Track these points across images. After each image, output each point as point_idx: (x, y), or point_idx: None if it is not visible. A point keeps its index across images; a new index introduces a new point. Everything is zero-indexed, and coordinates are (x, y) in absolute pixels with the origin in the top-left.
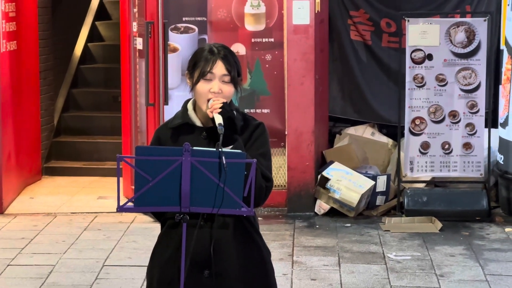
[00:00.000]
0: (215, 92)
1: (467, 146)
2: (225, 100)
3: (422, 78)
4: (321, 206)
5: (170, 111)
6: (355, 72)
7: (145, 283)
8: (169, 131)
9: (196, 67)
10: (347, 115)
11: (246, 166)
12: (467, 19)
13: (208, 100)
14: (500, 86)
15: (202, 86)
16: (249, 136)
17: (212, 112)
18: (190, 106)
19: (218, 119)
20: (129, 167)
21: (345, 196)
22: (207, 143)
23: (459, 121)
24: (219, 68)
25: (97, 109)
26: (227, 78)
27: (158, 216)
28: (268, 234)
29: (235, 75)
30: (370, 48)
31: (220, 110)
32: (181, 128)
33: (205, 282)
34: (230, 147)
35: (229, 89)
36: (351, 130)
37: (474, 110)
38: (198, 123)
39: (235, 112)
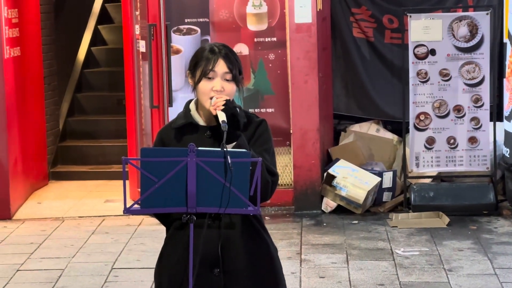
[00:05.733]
0: (217, 90)
1: (472, 140)
2: (228, 98)
3: (426, 73)
4: (328, 203)
5: (174, 113)
6: (358, 69)
7: (154, 286)
8: (172, 132)
9: (198, 66)
10: (351, 112)
11: (252, 163)
12: (470, 13)
13: (211, 98)
14: (504, 80)
15: (204, 84)
16: (253, 133)
17: (215, 109)
18: (192, 106)
19: (222, 116)
20: (135, 170)
21: (352, 193)
22: (211, 142)
23: (464, 115)
24: (221, 66)
25: (102, 113)
26: (229, 76)
27: (163, 219)
28: (276, 233)
29: (236, 73)
30: (373, 44)
31: (223, 107)
32: (184, 128)
33: (215, 281)
34: (234, 143)
35: (231, 87)
36: (356, 127)
37: (479, 104)
38: (201, 122)
39: (238, 109)
